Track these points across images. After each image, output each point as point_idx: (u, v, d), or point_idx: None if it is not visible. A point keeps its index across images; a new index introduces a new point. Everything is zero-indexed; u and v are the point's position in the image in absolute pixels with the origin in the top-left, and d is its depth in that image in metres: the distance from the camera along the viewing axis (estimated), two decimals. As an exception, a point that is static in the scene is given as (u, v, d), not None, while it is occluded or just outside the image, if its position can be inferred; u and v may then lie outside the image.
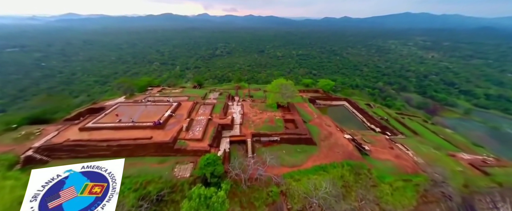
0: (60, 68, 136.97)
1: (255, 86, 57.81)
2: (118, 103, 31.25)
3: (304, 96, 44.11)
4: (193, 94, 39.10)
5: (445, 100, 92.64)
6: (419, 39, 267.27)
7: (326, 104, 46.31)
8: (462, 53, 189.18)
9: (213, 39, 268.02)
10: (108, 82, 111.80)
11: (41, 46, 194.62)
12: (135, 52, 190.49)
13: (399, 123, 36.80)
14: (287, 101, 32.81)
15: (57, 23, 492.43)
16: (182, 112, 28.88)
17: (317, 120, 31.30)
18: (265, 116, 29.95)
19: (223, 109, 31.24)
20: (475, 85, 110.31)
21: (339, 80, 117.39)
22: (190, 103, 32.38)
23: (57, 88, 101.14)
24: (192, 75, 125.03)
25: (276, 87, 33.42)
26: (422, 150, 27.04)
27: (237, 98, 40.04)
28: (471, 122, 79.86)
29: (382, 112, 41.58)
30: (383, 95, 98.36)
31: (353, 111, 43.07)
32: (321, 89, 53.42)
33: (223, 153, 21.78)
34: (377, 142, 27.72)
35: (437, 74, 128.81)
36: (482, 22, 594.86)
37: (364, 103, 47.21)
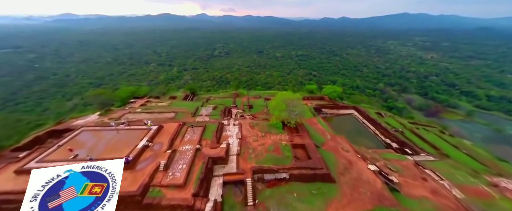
0: (54, 69, 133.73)
1: (255, 93, 53.97)
2: (82, 129, 24.92)
3: (309, 105, 40.53)
4: (182, 109, 33.78)
5: (447, 102, 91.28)
6: (418, 40, 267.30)
7: (333, 114, 42.25)
8: (461, 54, 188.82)
9: (212, 40, 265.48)
10: (103, 85, 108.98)
11: (35, 47, 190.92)
12: (132, 53, 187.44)
13: (415, 135, 33.32)
14: (295, 121, 27.26)
15: (53, 24, 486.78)
16: (163, 140, 22.88)
17: (332, 143, 25.90)
18: (268, 140, 24.36)
19: (217, 132, 25.28)
20: (476, 86, 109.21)
21: (340, 81, 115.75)
22: (175, 125, 26.38)
23: (49, 91, 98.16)
24: (190, 77, 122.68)
25: (281, 103, 27.73)
26: (459, 178, 22.45)
27: (235, 111, 35.04)
28: (474, 124, 78.58)
29: (395, 122, 38.13)
30: (384, 97, 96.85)
31: (363, 121, 39.12)
32: (326, 97, 49.82)
33: (213, 207, 15.96)
34: (404, 169, 22.87)
35: (438, 75, 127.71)
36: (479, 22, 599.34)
37: (375, 111, 43.55)
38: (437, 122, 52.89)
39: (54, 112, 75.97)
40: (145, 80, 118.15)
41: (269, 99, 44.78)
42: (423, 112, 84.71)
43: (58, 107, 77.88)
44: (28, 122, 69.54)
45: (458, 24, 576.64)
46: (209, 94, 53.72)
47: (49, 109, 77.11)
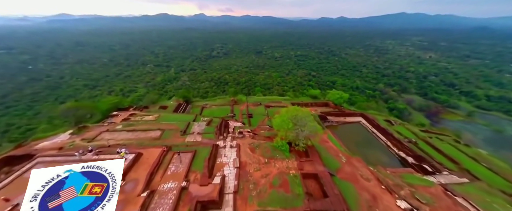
0: (48, 71, 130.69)
1: (254, 100, 49.52)
2: (37, 160, 19.74)
3: (313, 112, 37.16)
4: (171, 126, 28.68)
5: (447, 102, 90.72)
6: (416, 40, 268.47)
7: (339, 122, 39.04)
8: (459, 53, 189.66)
9: (210, 40, 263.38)
10: (98, 87, 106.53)
11: (29, 48, 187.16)
12: (129, 54, 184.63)
13: (430, 146, 30.75)
14: (305, 143, 22.61)
15: (48, 24, 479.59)
16: (139, 175, 17.79)
17: (348, 168, 21.76)
18: (273, 169, 20.20)
19: (209, 159, 20.38)
20: (475, 86, 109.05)
21: (339, 82, 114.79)
22: (157, 151, 21.12)
23: (42, 93, 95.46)
24: (187, 78, 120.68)
25: (288, 121, 23.10)
26: (497, 209, 19.78)
27: (233, 126, 30.74)
28: (474, 125, 78.02)
29: (407, 131, 35.68)
30: (384, 98, 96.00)
31: (372, 130, 36.13)
32: (331, 102, 46.67)
33: None
34: (435, 199, 19.57)
35: (437, 75, 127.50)
36: (475, 22, 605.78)
37: (383, 119, 40.38)
38: (447, 127, 49.45)
39: (46, 115, 73.62)
40: (142, 81, 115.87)
41: (270, 106, 42.54)
42: (424, 113, 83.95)
43: (50, 111, 75.38)
44: (18, 126, 67.49)
45: (455, 24, 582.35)
46: (205, 102, 48.96)
47: (40, 113, 74.68)
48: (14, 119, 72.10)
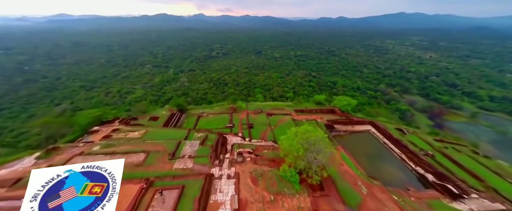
0: (45, 72, 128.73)
1: (255, 107, 45.22)
2: None
3: (319, 121, 34.69)
4: (158, 146, 24.29)
5: (449, 103, 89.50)
6: (416, 39, 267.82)
7: (347, 131, 35.94)
8: (459, 53, 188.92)
9: (209, 40, 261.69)
10: (95, 88, 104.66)
11: (27, 48, 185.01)
12: (127, 54, 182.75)
13: (449, 159, 27.97)
14: (320, 175, 18.56)
15: (47, 24, 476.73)
16: None
17: (372, 203, 18.28)
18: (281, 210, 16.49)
19: (200, 199, 16.62)
20: (477, 86, 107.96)
21: (340, 82, 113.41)
22: (135, 188, 17.20)
23: (37, 95, 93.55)
24: (186, 79, 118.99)
25: (298, 146, 18.91)
26: None
27: (231, 142, 27.06)
28: (478, 127, 76.81)
29: (420, 141, 32.96)
30: (386, 99, 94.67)
31: (383, 141, 32.88)
32: (337, 109, 43.44)
33: None
34: None
35: (438, 75, 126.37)
36: (474, 22, 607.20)
37: (394, 127, 37.22)
38: (464, 137, 44.70)
39: (40, 118, 71.90)
40: (140, 82, 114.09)
41: (272, 114, 39.27)
42: (426, 114, 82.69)
43: (45, 113, 73.72)
44: (11, 130, 65.68)
45: (454, 23, 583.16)
46: (201, 110, 43.81)
47: (35, 115, 72.92)
48: (7, 122, 70.25)
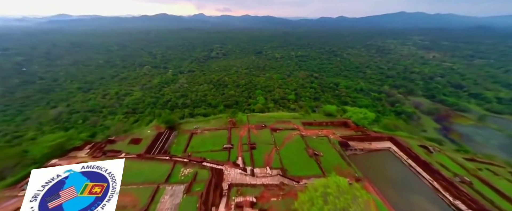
0: (42, 73, 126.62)
1: (258, 119, 39.04)
2: None
3: (332, 137, 30.94)
4: (125, 195, 17.22)
5: (456, 105, 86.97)
6: (417, 39, 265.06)
7: (364, 150, 30.93)
8: (462, 53, 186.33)
9: (209, 40, 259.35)
10: (92, 89, 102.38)
11: (25, 49, 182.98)
12: (125, 55, 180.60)
13: (488, 186, 23.38)
14: None
15: (46, 25, 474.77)
16: None
17: None
18: None
19: None
20: (484, 88, 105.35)
21: (343, 83, 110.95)
22: None
23: (33, 97, 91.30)
24: (185, 80, 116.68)
25: (321, 203, 14.70)
26: None
27: (228, 184, 20.73)
28: (487, 130, 74.36)
29: (450, 162, 28.32)
30: (390, 101, 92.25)
31: (408, 163, 27.52)
32: (350, 121, 38.75)
33: None
34: None
35: (443, 76, 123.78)
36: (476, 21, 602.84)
37: (417, 144, 32.01)
38: (496, 156, 38.51)
39: (35, 121, 69.69)
40: (138, 84, 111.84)
41: (277, 130, 34.23)
42: (433, 117, 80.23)
43: (40, 116, 71.60)
44: (5, 134, 63.46)
45: (455, 23, 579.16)
46: (195, 125, 36.97)
47: (30, 118, 70.77)
48: (1, 125, 68.03)
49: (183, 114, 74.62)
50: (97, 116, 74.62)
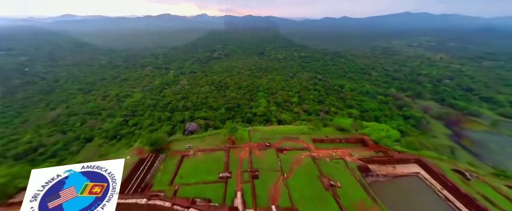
0: (44, 74, 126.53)
1: (261, 135, 33.40)
2: None
3: (349, 160, 25.60)
4: None
5: (467, 110, 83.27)
6: (423, 40, 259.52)
7: (388, 176, 25.34)
8: (470, 54, 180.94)
9: (211, 41, 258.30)
10: (93, 91, 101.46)
11: (29, 49, 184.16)
12: (128, 56, 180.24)
13: None
14: None
15: (51, 25, 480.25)
16: None
17: None
18: None
19: None
20: (495, 91, 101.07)
21: (348, 86, 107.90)
22: None
23: (33, 98, 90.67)
24: (187, 81, 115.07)
25: None
26: None
27: None
28: (501, 136, 70.66)
29: (493, 192, 23.59)
30: (397, 104, 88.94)
31: (443, 194, 22.87)
32: (368, 138, 32.45)
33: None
34: None
35: (452, 78, 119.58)
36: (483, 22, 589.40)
37: (450, 168, 26.91)
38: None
39: (33, 123, 68.63)
40: (139, 85, 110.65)
41: (283, 151, 28.82)
42: (443, 122, 76.81)
43: (39, 118, 70.51)
44: (2, 137, 62.46)
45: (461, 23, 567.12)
46: (188, 144, 31.13)
47: (28, 120, 69.76)
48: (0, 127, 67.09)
49: (183, 117, 72.80)
50: (96, 118, 73.24)
